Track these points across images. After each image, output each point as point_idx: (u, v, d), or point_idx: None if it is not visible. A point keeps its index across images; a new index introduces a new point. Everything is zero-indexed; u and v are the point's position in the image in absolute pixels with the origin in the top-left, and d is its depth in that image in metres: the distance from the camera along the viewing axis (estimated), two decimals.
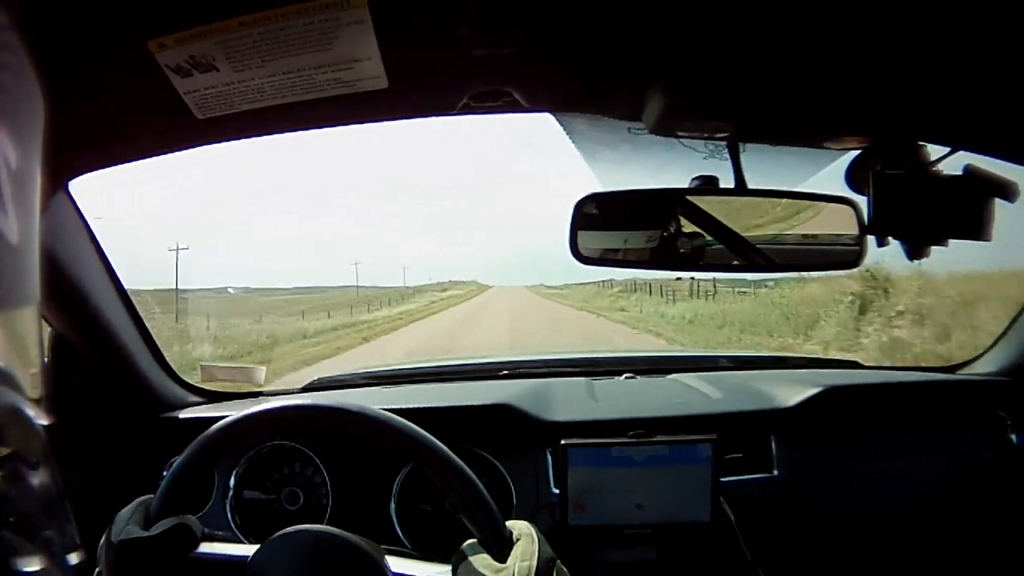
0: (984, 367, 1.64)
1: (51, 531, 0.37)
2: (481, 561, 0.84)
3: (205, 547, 0.92)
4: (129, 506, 0.93)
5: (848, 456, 1.46)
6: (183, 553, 0.90)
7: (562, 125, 1.16)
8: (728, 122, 1.02)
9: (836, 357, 1.94)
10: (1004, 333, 1.62)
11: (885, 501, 1.45)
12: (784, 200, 1.17)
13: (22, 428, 0.34)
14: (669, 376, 1.70)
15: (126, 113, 0.96)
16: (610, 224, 1.15)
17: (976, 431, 1.50)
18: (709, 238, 1.17)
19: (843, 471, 1.45)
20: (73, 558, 0.38)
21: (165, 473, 1.43)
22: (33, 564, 0.35)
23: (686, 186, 1.11)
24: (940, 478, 1.47)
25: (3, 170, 0.29)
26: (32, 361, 0.34)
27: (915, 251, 1.05)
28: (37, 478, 0.35)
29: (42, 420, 0.34)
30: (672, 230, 1.17)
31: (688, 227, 1.17)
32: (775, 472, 1.41)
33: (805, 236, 1.19)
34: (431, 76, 0.96)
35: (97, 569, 0.89)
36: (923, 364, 1.81)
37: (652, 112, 0.99)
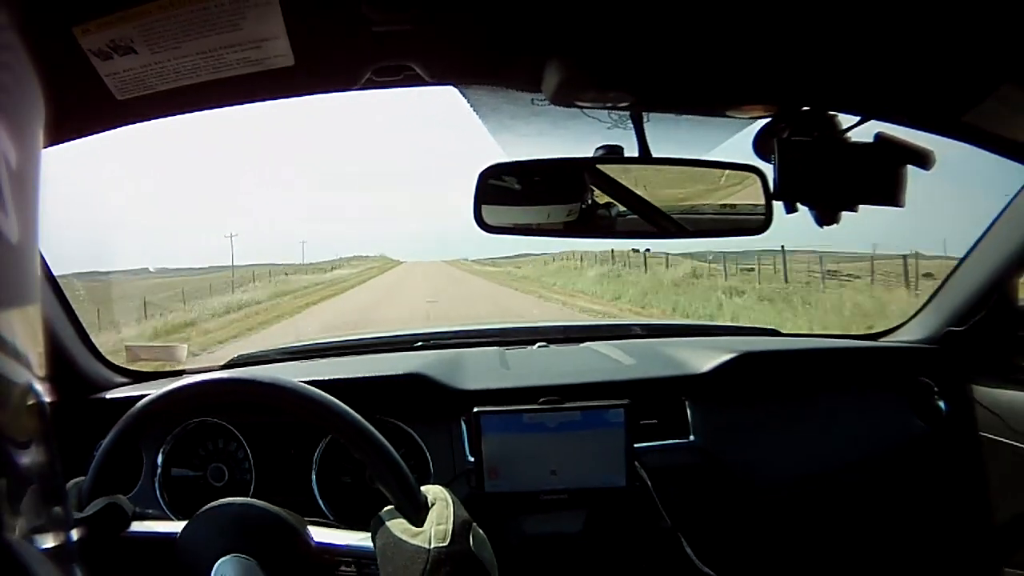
0: (907, 335, 1.68)
1: (53, 508, 0.37)
2: (398, 526, 0.85)
3: (136, 526, 0.93)
4: None
5: (765, 422, 1.49)
6: (116, 532, 0.92)
7: (467, 99, 1.16)
8: (628, 92, 1.02)
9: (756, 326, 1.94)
10: (928, 301, 1.66)
11: (803, 466, 1.48)
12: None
13: (32, 406, 0.34)
14: (582, 344, 1.73)
15: (48, 96, 0.95)
16: (515, 194, 1.16)
17: (901, 397, 1.54)
18: (621, 208, 1.19)
19: (760, 436, 1.48)
20: (75, 535, 0.39)
21: (96, 454, 1.44)
22: (46, 542, 0.35)
23: (590, 155, 1.13)
24: (863, 443, 1.51)
25: (3, 169, 0.29)
26: (37, 340, 0.34)
27: (825, 217, 1.07)
28: (43, 455, 0.36)
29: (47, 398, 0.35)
30: (585, 200, 1.18)
31: (601, 197, 1.19)
32: (692, 438, 1.44)
33: (714, 204, 1.22)
34: (335, 53, 0.98)
35: None
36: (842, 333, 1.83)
37: (551, 83, 1.00)
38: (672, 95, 1.08)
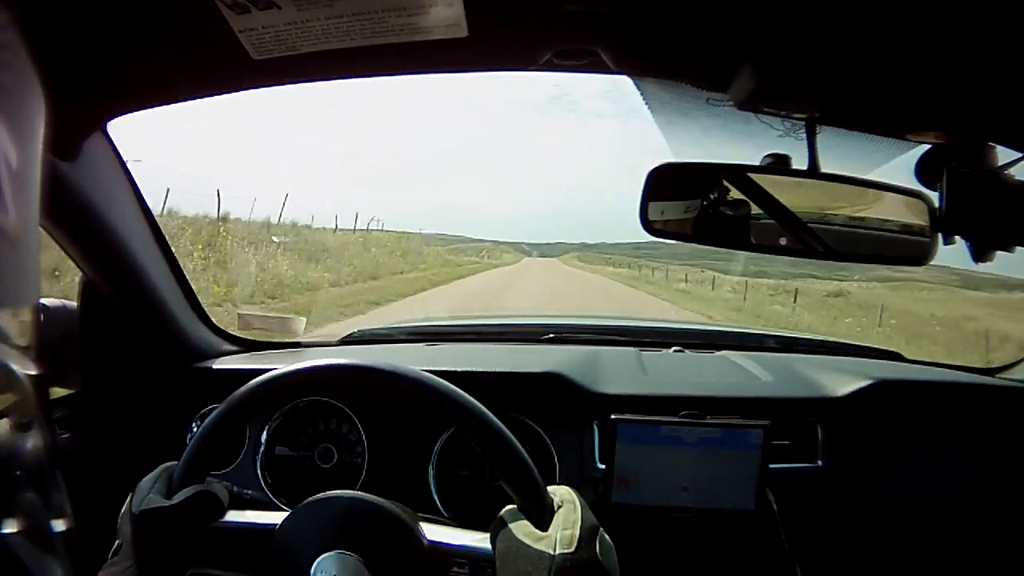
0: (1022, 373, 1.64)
1: (37, 494, 0.36)
2: (521, 528, 0.82)
3: (231, 515, 0.90)
4: (152, 473, 0.91)
5: (890, 451, 1.45)
6: (207, 522, 0.88)
7: (639, 90, 1.12)
8: (814, 103, 0.99)
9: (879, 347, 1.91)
10: None
11: (923, 497, 1.44)
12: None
13: (9, 384, 0.33)
14: (717, 353, 1.68)
15: (173, 51, 0.91)
16: (680, 195, 1.12)
17: (1010, 434, 1.49)
18: (760, 212, 1.15)
19: (884, 465, 1.43)
20: (59, 524, 0.38)
21: (194, 426, 1.41)
22: (13, 527, 0.34)
23: (756, 163, 1.09)
24: (976, 479, 1.46)
25: (3, 168, 0.29)
26: (23, 309, 0.33)
27: (981, 253, 1.04)
28: (24, 439, 0.35)
29: (31, 372, 0.34)
30: (724, 203, 1.15)
31: (739, 197, 1.15)
32: (819, 462, 1.39)
33: (871, 222, 1.17)
34: (516, 29, 0.91)
35: (118, 540, 0.87)
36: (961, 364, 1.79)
37: (740, 87, 0.96)
38: (856, 111, 1.05)
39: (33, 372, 0.34)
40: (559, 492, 0.87)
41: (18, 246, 0.29)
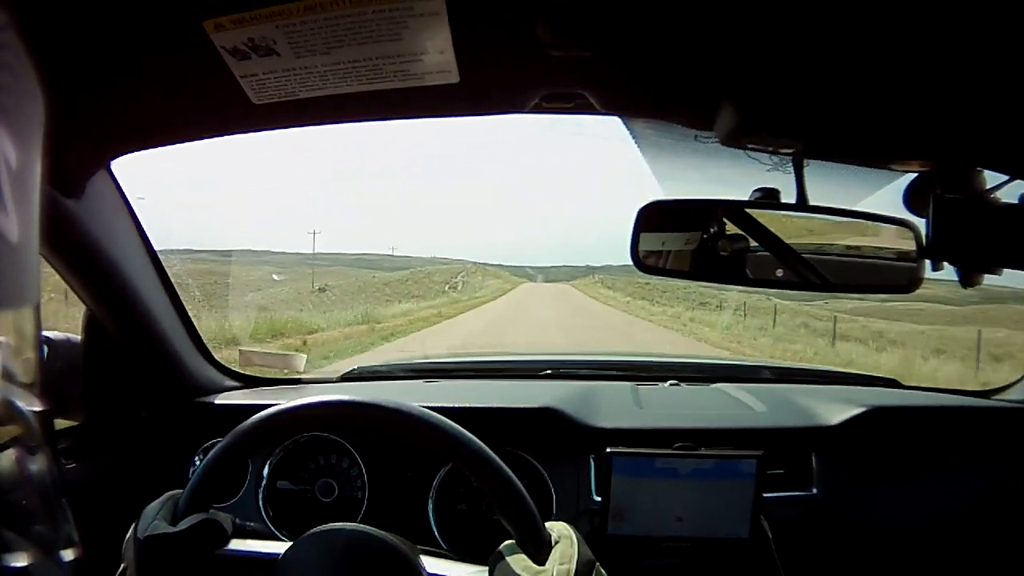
0: (1019, 394, 1.64)
1: (45, 525, 0.36)
2: (519, 563, 0.83)
3: (235, 544, 0.91)
4: (157, 500, 0.92)
5: (885, 476, 1.45)
6: (211, 550, 0.89)
7: (628, 127, 1.15)
8: (799, 139, 1.01)
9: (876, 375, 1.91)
10: None
11: (918, 522, 1.44)
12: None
13: (13, 419, 0.33)
14: (713, 385, 1.69)
15: (176, 93, 0.94)
16: (671, 231, 1.13)
17: (1008, 457, 1.50)
18: (756, 246, 1.16)
19: (881, 491, 1.44)
20: (68, 554, 0.38)
21: (197, 459, 1.42)
22: (23, 560, 0.34)
23: (746, 198, 1.10)
24: (972, 502, 1.47)
25: (3, 169, 0.29)
26: (26, 345, 0.33)
27: (968, 278, 1.05)
28: (31, 471, 0.35)
29: (36, 406, 0.34)
30: (722, 237, 1.16)
31: (735, 232, 1.16)
32: (814, 490, 1.40)
33: (856, 251, 1.18)
34: (505, 74, 0.94)
35: (123, 565, 0.88)
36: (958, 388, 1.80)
37: (724, 123, 0.98)
38: (841, 144, 1.06)
39: (39, 407, 0.34)
40: (556, 527, 0.88)
41: (18, 246, 0.30)
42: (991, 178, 1.03)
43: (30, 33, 0.32)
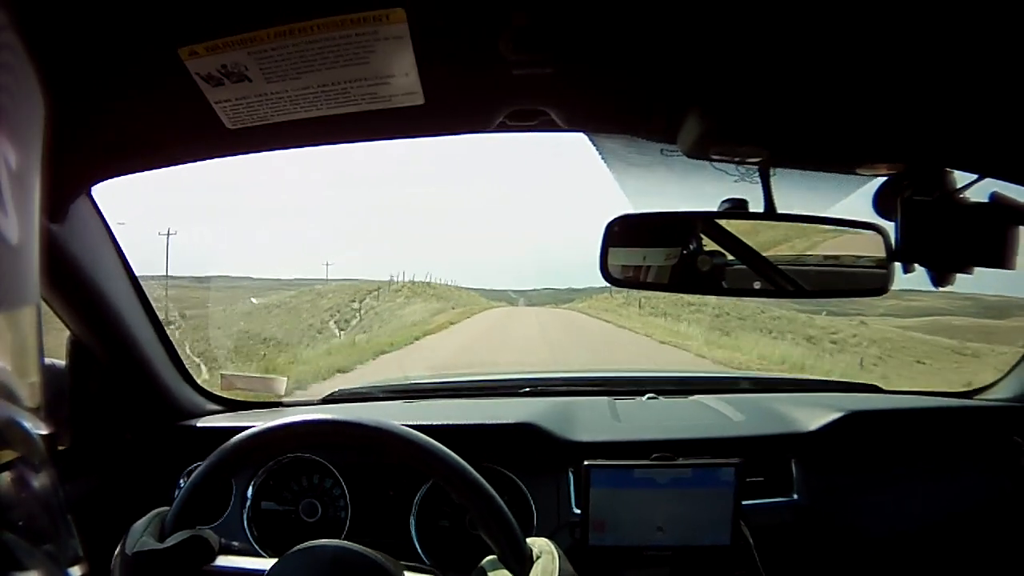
0: (1001, 393, 1.65)
1: (52, 543, 0.37)
2: None
3: (221, 560, 0.92)
4: (145, 518, 0.93)
5: (868, 481, 1.46)
6: (198, 566, 0.90)
7: (594, 144, 1.16)
8: (763, 147, 1.01)
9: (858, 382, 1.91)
10: (1021, 360, 1.62)
11: (902, 526, 1.45)
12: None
13: (19, 439, 0.34)
14: (691, 397, 1.70)
15: (153, 120, 0.96)
16: (639, 245, 1.14)
17: (991, 457, 1.50)
18: (733, 259, 1.17)
19: (863, 496, 1.45)
20: (76, 571, 0.38)
21: (182, 482, 1.43)
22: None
23: (715, 208, 1.11)
24: (956, 504, 1.47)
25: (3, 171, 0.29)
26: (30, 370, 0.34)
27: (940, 278, 1.06)
28: (37, 489, 0.35)
29: (41, 430, 0.35)
30: (702, 253, 1.17)
31: (714, 248, 1.17)
32: (795, 496, 1.40)
33: (830, 258, 1.19)
34: (469, 94, 0.96)
35: None
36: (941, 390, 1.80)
37: (687, 135, 0.99)
38: (806, 151, 1.07)
39: (44, 429, 0.35)
40: (538, 543, 0.90)
41: (18, 246, 0.30)
42: (961, 179, 1.04)
43: None
